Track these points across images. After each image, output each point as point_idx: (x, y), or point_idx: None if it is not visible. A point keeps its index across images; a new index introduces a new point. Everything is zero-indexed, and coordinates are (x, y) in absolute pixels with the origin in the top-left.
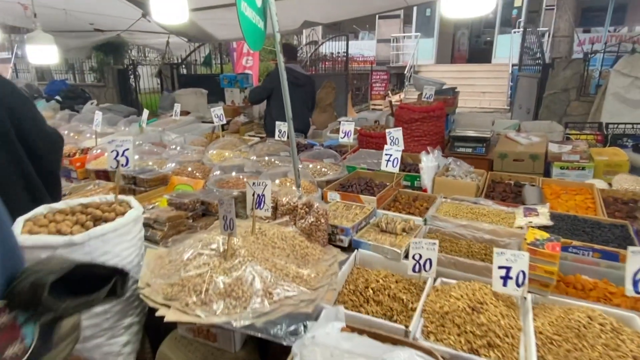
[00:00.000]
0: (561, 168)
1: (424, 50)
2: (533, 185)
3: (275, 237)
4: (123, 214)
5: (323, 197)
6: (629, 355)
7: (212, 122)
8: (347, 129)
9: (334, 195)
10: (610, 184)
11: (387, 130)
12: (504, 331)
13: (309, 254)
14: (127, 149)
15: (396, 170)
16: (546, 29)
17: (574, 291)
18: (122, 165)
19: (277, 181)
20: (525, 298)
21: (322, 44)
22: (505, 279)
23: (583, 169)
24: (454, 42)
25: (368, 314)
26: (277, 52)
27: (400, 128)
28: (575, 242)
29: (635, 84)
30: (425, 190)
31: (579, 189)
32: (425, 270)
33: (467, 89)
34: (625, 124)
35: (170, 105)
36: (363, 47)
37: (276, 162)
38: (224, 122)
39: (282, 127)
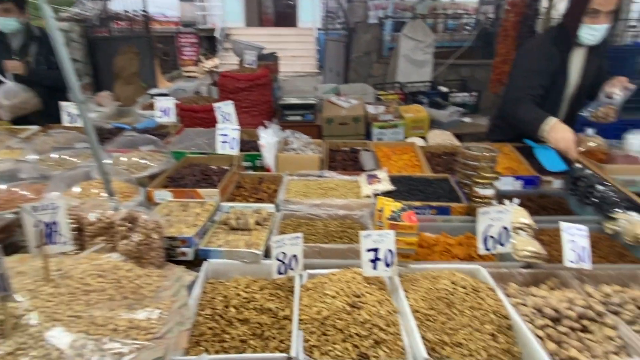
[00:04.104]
0: (380, 128)
1: (232, 13)
2: (367, 150)
3: (87, 276)
4: None
5: (148, 199)
6: (489, 310)
7: None
8: (165, 106)
9: (163, 195)
10: (424, 138)
11: (215, 105)
12: (385, 321)
13: (142, 285)
14: None
15: (235, 152)
16: None
17: (422, 250)
18: None
19: (76, 188)
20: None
21: None
22: (375, 261)
23: (396, 126)
24: (260, 4)
25: (233, 339)
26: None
27: (231, 102)
28: (415, 203)
29: (419, 46)
30: (269, 170)
31: (404, 148)
32: (292, 269)
33: (279, 53)
34: (418, 82)
35: None
36: (163, 6)
37: (71, 158)
38: None
39: (72, 109)
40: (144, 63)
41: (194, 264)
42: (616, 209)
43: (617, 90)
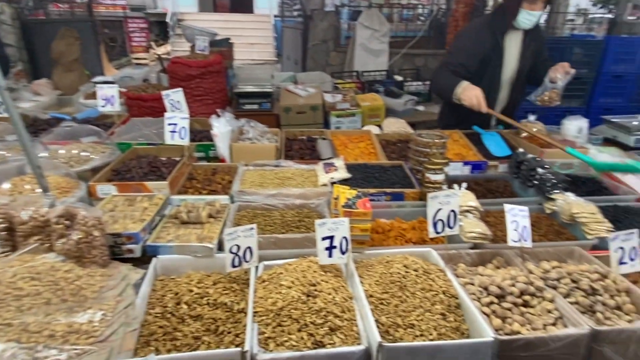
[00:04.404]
0: (337, 116)
1: None
2: (324, 139)
3: (18, 279)
4: None
5: (91, 194)
6: (439, 291)
7: None
8: (108, 94)
9: (107, 189)
10: (379, 127)
11: (163, 93)
12: (341, 307)
13: (84, 286)
14: None
15: (186, 142)
16: None
17: (377, 236)
18: None
19: (5, 185)
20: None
21: None
22: (330, 249)
23: (354, 115)
24: None
25: (186, 336)
26: None
27: (181, 89)
28: (371, 190)
29: (375, 35)
30: (223, 160)
31: (360, 136)
32: (247, 261)
33: (235, 40)
34: (374, 71)
35: None
36: None
37: (1, 152)
38: None
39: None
40: (88, 49)
41: (144, 261)
42: (555, 190)
43: (559, 75)
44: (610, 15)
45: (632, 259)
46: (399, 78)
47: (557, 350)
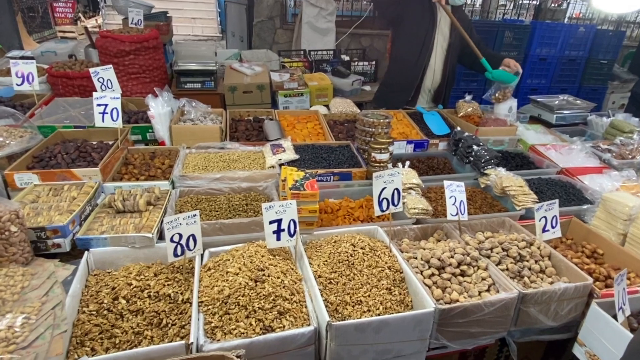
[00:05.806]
0: (285, 96)
1: None
2: (271, 120)
3: None
4: None
5: (8, 184)
6: (385, 267)
7: None
8: (24, 70)
9: (27, 178)
10: (327, 107)
11: (91, 70)
12: (290, 290)
13: (1, 288)
14: None
15: (118, 124)
16: None
17: (326, 216)
18: None
19: None
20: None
21: None
22: (278, 232)
23: (302, 95)
24: None
25: (126, 332)
26: None
27: (111, 66)
28: (319, 170)
29: (321, 13)
30: (163, 143)
31: (308, 116)
32: (190, 250)
33: (175, 14)
34: (322, 50)
35: None
36: None
37: None
38: None
39: None
40: (1, 19)
41: (75, 255)
42: (488, 166)
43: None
44: (535, 2)
45: (553, 227)
46: (346, 58)
47: (490, 314)
